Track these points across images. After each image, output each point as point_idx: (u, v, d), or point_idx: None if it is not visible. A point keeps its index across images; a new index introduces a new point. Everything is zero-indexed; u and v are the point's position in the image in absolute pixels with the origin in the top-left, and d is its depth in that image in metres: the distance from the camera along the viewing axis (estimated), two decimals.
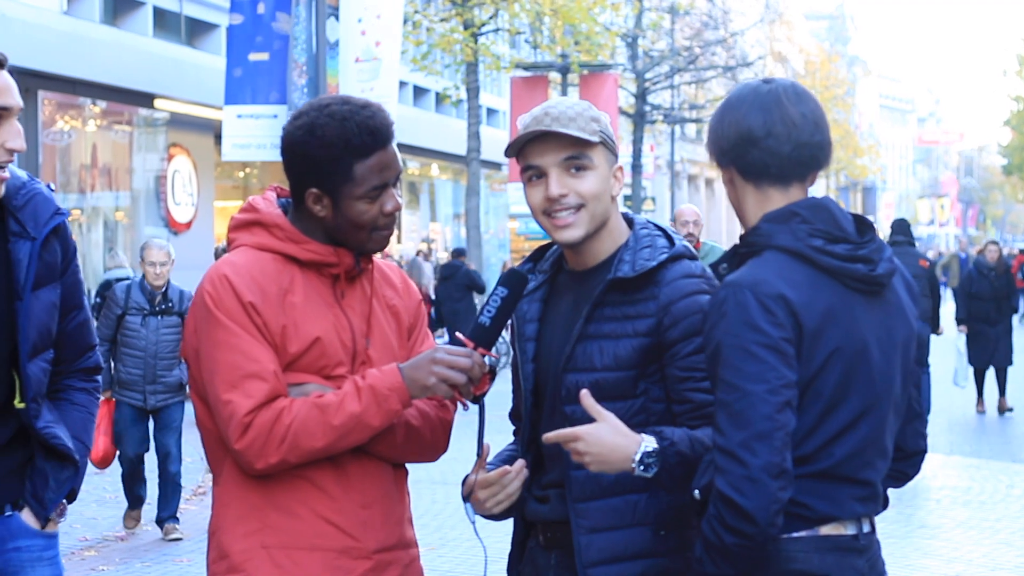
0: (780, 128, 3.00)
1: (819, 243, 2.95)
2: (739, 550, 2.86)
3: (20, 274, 3.24)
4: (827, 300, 2.93)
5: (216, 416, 3.14)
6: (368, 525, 3.20)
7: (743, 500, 2.80)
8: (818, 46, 64.95)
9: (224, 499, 3.22)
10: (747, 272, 2.94)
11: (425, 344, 3.38)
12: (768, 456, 2.81)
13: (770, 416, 2.82)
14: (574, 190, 3.22)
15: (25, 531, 3.37)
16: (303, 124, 3.17)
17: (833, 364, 2.92)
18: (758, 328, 2.85)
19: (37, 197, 3.33)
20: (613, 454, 3.04)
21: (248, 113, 17.19)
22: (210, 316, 3.13)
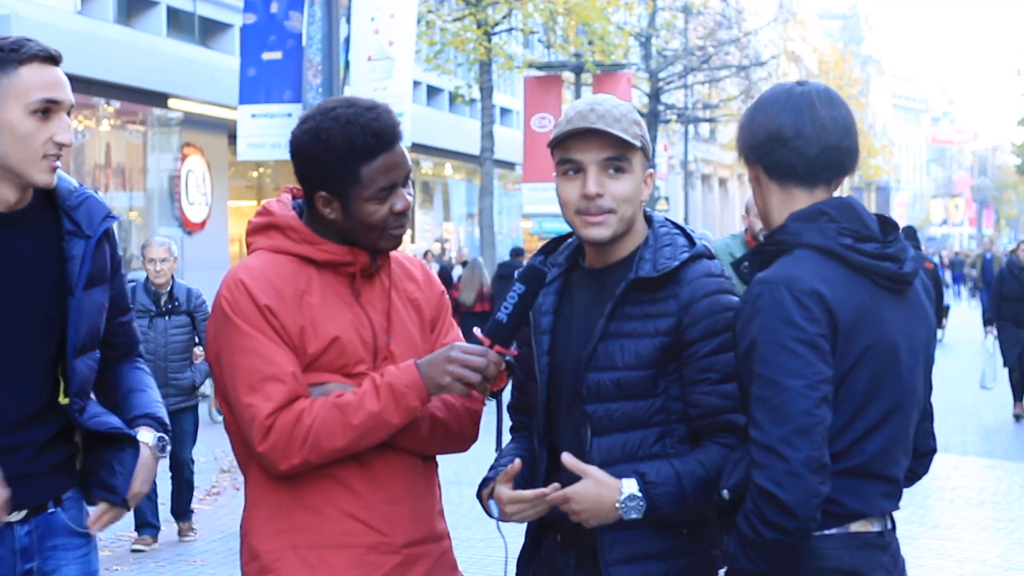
0: (810, 130, 3.03)
1: (849, 241, 2.99)
2: (778, 545, 2.88)
3: (74, 271, 3.29)
4: (859, 298, 2.97)
5: (238, 420, 3.16)
6: (396, 520, 3.22)
7: (784, 495, 2.83)
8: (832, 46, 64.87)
9: (253, 500, 3.26)
10: (781, 269, 2.97)
11: (450, 335, 3.40)
12: (809, 451, 2.84)
13: (809, 411, 2.85)
14: (610, 191, 3.23)
15: (64, 529, 3.40)
16: (309, 128, 3.19)
17: (866, 361, 2.96)
18: (795, 324, 2.88)
19: (90, 199, 3.39)
20: (599, 506, 3.11)
21: (262, 112, 17.20)
22: (228, 321, 3.15)
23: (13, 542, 3.30)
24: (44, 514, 3.36)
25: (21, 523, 3.32)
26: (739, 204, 62.00)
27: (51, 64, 3.22)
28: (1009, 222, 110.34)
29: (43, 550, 3.36)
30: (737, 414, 3.16)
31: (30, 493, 3.31)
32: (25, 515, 3.32)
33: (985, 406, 17.34)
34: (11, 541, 3.30)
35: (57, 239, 3.31)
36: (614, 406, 3.21)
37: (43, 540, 3.36)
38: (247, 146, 17.40)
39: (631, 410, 3.20)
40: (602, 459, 3.20)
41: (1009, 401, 17.09)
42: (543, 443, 3.37)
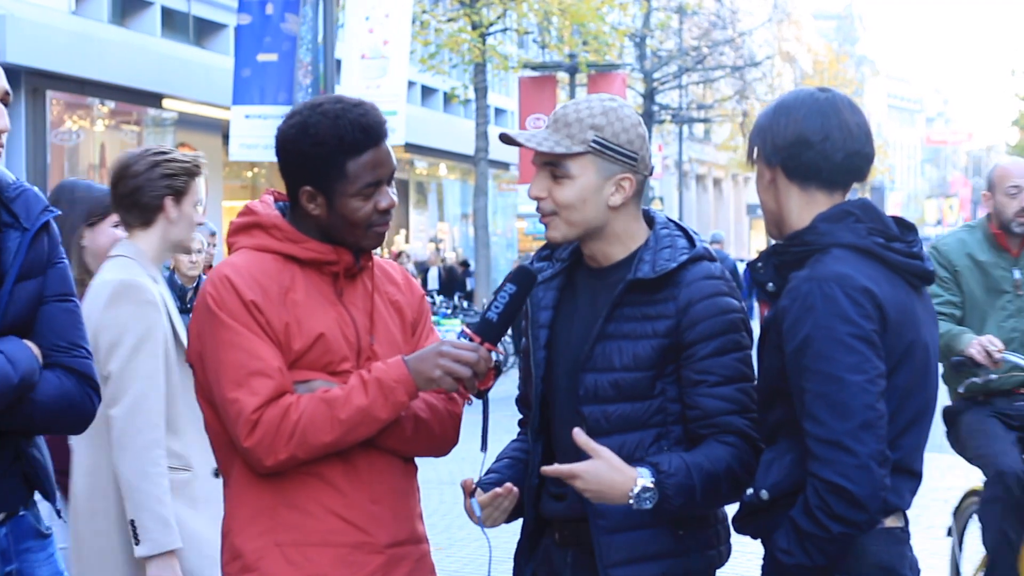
0: (837, 134, 3.09)
1: (881, 240, 3.05)
2: (844, 538, 2.93)
3: (8, 261, 3.23)
4: (900, 295, 3.03)
5: (223, 416, 3.14)
6: (379, 520, 3.21)
7: (855, 488, 2.87)
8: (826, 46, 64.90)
9: (236, 500, 3.23)
10: (825, 268, 3.00)
11: (430, 339, 3.39)
12: (875, 444, 2.89)
13: (872, 406, 2.91)
14: (551, 196, 3.25)
15: (32, 531, 3.38)
16: (296, 123, 3.19)
17: (908, 358, 3.02)
18: (850, 320, 2.93)
19: (28, 192, 3.32)
20: (611, 491, 3.10)
21: (256, 113, 17.22)
22: (213, 317, 3.14)
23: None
24: (16, 517, 3.34)
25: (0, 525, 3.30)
26: (733, 204, 62.10)
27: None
28: None
29: (18, 552, 3.34)
30: (736, 416, 3.17)
31: (7, 495, 3.29)
32: (3, 517, 3.30)
33: None
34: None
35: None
36: (611, 408, 3.20)
37: (17, 543, 3.34)
38: (240, 146, 17.41)
39: (628, 412, 3.20)
40: None
41: None
42: (537, 438, 3.37)
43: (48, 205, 3.34)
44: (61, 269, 3.34)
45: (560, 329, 3.35)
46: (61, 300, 3.32)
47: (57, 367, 3.28)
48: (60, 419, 3.30)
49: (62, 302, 3.32)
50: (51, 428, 3.35)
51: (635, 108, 35.35)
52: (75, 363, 3.31)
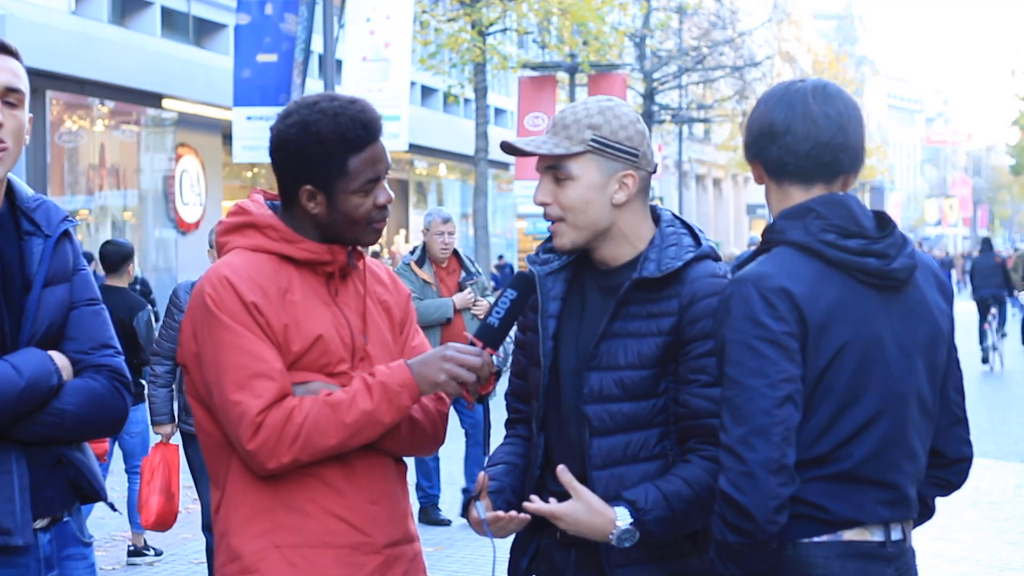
0: (799, 126, 2.97)
1: (832, 238, 2.93)
2: (742, 548, 2.83)
3: (32, 267, 3.30)
4: (835, 294, 2.90)
5: (224, 418, 3.13)
6: (377, 520, 3.22)
7: (741, 497, 2.78)
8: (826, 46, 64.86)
9: (232, 501, 3.21)
10: (753, 267, 2.93)
11: (416, 339, 3.41)
12: (766, 452, 2.78)
13: (768, 411, 2.79)
14: (557, 200, 3.26)
15: (73, 538, 3.42)
16: (295, 122, 3.19)
17: (843, 359, 2.88)
18: (759, 322, 2.83)
19: (47, 203, 3.42)
20: (591, 533, 3.11)
21: (258, 115, 17.21)
22: (212, 318, 3.13)
23: (38, 551, 3.30)
24: (60, 523, 3.38)
25: (43, 531, 3.32)
26: (733, 205, 62.08)
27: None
28: (1003, 222, 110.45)
29: (61, 559, 3.37)
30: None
31: (53, 501, 3.33)
32: (47, 523, 3.33)
33: (979, 406, 17.36)
34: (36, 550, 3.30)
35: (19, 240, 3.33)
36: (614, 407, 3.20)
37: (60, 549, 3.37)
38: (243, 148, 17.41)
39: (633, 411, 3.19)
40: (603, 461, 3.20)
41: (1005, 401, 17.14)
42: (541, 429, 3.37)
43: (67, 215, 3.41)
44: (85, 275, 3.44)
45: (567, 325, 3.34)
46: (88, 304, 3.42)
47: (88, 369, 3.36)
48: (92, 422, 3.35)
49: (89, 306, 3.42)
50: (85, 433, 3.39)
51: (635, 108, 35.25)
52: (105, 361, 3.39)
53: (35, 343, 3.29)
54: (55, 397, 3.27)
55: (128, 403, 3.41)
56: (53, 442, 3.31)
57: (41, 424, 3.24)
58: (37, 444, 3.28)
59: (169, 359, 7.62)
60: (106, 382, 3.35)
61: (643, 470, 3.18)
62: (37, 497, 3.27)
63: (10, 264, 3.29)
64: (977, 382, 20.39)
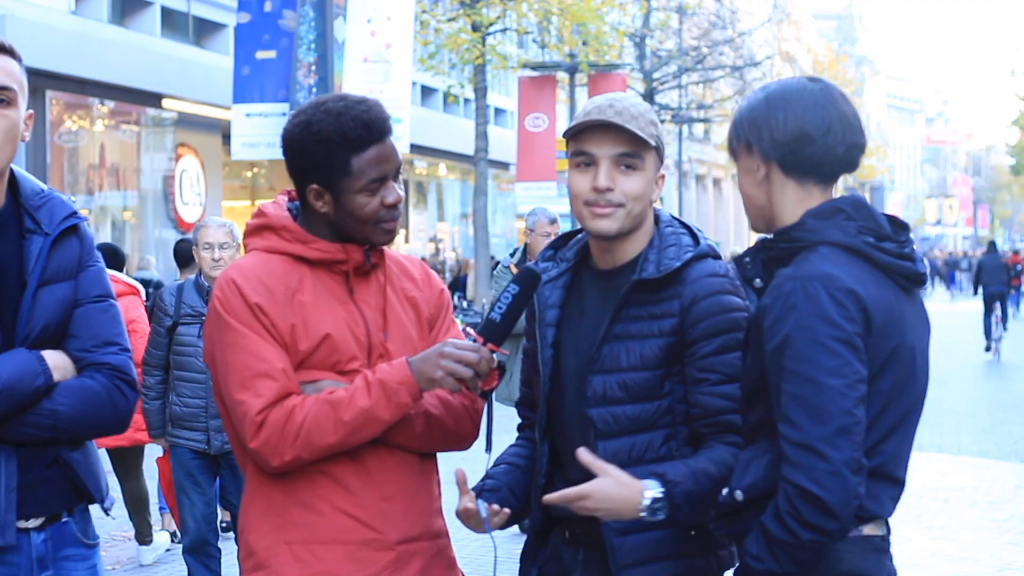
0: (838, 127, 3.00)
1: (872, 240, 2.96)
2: (814, 546, 2.85)
3: (28, 266, 3.29)
4: (887, 297, 2.94)
5: (232, 417, 3.19)
6: (389, 517, 3.23)
7: (827, 495, 2.79)
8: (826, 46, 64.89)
9: (249, 497, 3.28)
10: (812, 266, 2.91)
11: (450, 334, 3.40)
12: (850, 451, 2.80)
13: (849, 411, 2.81)
14: (620, 187, 3.24)
15: (73, 539, 3.41)
16: (300, 122, 3.22)
17: (892, 363, 2.93)
18: (832, 322, 2.83)
19: (54, 200, 3.40)
20: (621, 507, 3.08)
21: (257, 112, 17.22)
22: (220, 320, 3.18)
23: (30, 549, 3.30)
24: (58, 523, 3.36)
25: (38, 531, 3.31)
26: (733, 204, 62.05)
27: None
28: (1003, 222, 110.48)
29: (56, 559, 3.36)
30: (738, 415, 3.14)
31: (48, 500, 3.32)
32: (42, 523, 3.32)
33: (979, 406, 17.37)
34: (28, 548, 3.29)
35: (20, 238, 3.32)
36: (618, 409, 3.20)
37: (56, 549, 3.36)
38: (242, 145, 17.41)
39: (638, 413, 3.19)
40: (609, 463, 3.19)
41: (1004, 401, 17.14)
42: (544, 438, 3.37)
43: (74, 212, 3.39)
44: (95, 272, 3.42)
45: (567, 329, 3.35)
46: (96, 301, 3.39)
47: (88, 367, 3.33)
48: (88, 421, 3.32)
49: (97, 303, 3.39)
50: (82, 433, 3.36)
51: None
52: (106, 359, 3.35)
53: (29, 343, 3.27)
54: (46, 398, 3.24)
55: (131, 401, 3.38)
56: (50, 442, 3.30)
57: (31, 425, 3.23)
58: (32, 444, 3.26)
59: (160, 369, 7.30)
60: (105, 380, 3.32)
61: (648, 472, 3.17)
62: (31, 496, 3.26)
63: (7, 264, 3.29)
64: (977, 382, 20.39)
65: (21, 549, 3.28)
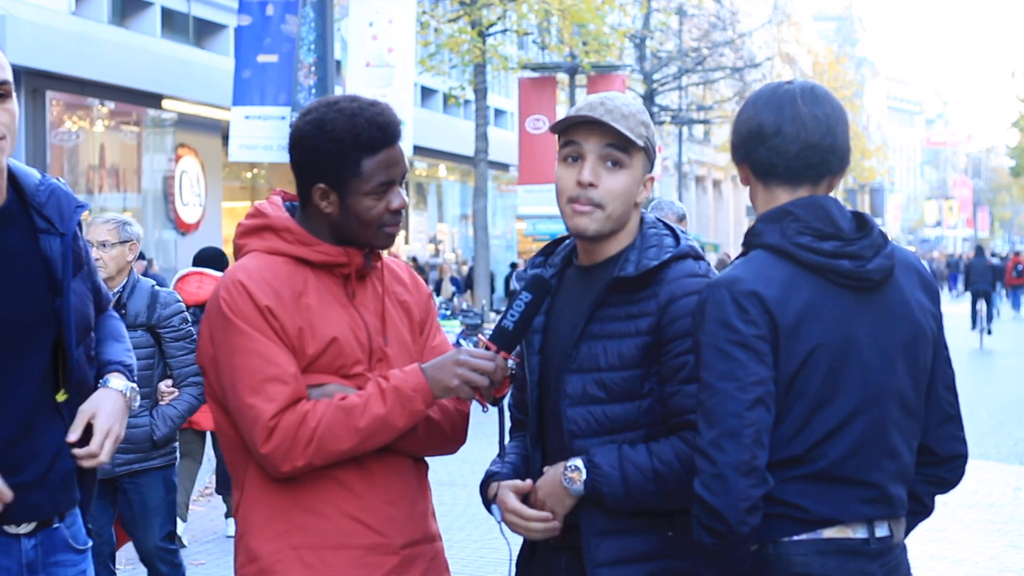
0: (789, 127, 2.98)
1: (806, 240, 2.95)
2: (716, 549, 2.86)
3: (57, 271, 3.28)
4: (807, 297, 2.92)
5: (239, 421, 3.15)
6: (394, 521, 3.23)
7: (712, 498, 2.81)
8: (826, 47, 64.91)
9: (250, 503, 3.24)
10: (728, 271, 2.96)
11: (438, 338, 3.41)
12: (736, 453, 2.81)
13: (738, 413, 2.82)
14: (603, 184, 3.23)
15: (64, 545, 3.38)
16: (313, 120, 3.20)
17: (815, 361, 2.91)
18: (730, 326, 2.86)
19: (56, 191, 3.36)
20: (552, 486, 3.19)
21: (256, 114, 17.18)
22: (227, 322, 3.14)
23: (20, 555, 3.27)
24: (49, 529, 3.33)
25: (28, 536, 3.29)
26: (733, 206, 62.08)
27: None
28: (1003, 224, 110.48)
29: (46, 565, 3.33)
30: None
31: (40, 506, 3.29)
32: (33, 528, 3.30)
33: (979, 408, 17.36)
34: (18, 554, 3.27)
35: (35, 236, 3.29)
36: (598, 409, 3.20)
37: (47, 555, 3.33)
38: (240, 147, 17.37)
39: (617, 413, 3.19)
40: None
41: (1003, 402, 17.15)
42: (536, 444, 3.37)
43: (78, 202, 3.40)
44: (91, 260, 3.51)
45: (551, 333, 3.35)
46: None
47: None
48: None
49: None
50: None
51: None
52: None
53: (76, 343, 3.30)
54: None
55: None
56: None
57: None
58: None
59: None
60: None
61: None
62: (23, 502, 3.22)
63: (28, 261, 3.26)
64: (977, 384, 20.38)
65: (11, 555, 3.26)
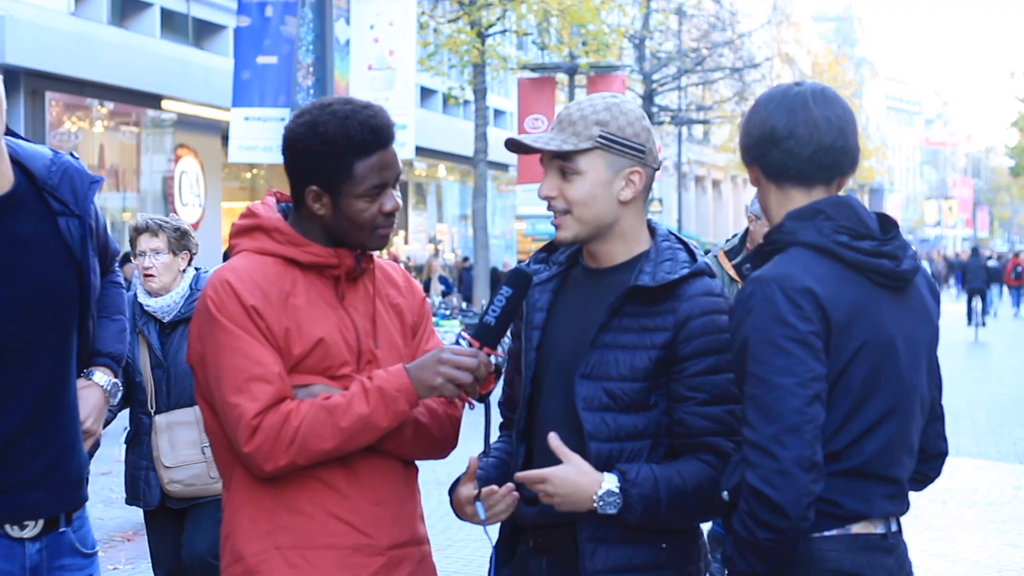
0: (802, 130, 3.02)
1: (844, 239, 2.98)
2: (771, 545, 2.87)
3: (77, 253, 3.30)
4: (854, 295, 2.96)
5: (223, 420, 3.15)
6: (380, 522, 3.22)
7: (775, 494, 2.82)
8: (825, 48, 64.88)
9: (236, 503, 3.24)
10: (773, 268, 2.97)
11: (431, 342, 3.40)
12: (799, 449, 2.83)
13: (800, 409, 2.84)
14: (562, 194, 3.24)
15: (70, 549, 3.35)
16: (305, 122, 3.20)
17: (861, 359, 2.95)
18: (786, 322, 2.87)
19: (68, 170, 3.34)
20: (577, 494, 3.10)
21: (255, 116, 17.20)
22: (213, 321, 3.14)
23: (24, 559, 3.25)
24: (55, 532, 3.31)
25: (33, 540, 3.26)
26: (733, 206, 62.06)
27: None
28: (1002, 224, 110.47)
29: (51, 569, 3.31)
30: (721, 438, 3.15)
31: (43, 504, 3.27)
32: (39, 532, 3.27)
33: (978, 407, 17.37)
34: (22, 558, 3.24)
35: (51, 216, 3.28)
36: (608, 416, 3.18)
37: (52, 559, 3.31)
38: (239, 148, 17.39)
39: (625, 422, 3.18)
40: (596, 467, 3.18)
41: (1002, 402, 17.15)
42: (521, 440, 3.36)
43: (92, 177, 3.39)
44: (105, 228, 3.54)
45: (552, 331, 3.34)
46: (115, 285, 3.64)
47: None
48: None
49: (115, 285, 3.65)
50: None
51: None
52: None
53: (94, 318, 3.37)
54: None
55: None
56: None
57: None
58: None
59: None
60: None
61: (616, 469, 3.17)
62: (23, 500, 3.22)
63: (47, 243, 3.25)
64: (976, 384, 20.39)
65: (14, 558, 3.23)
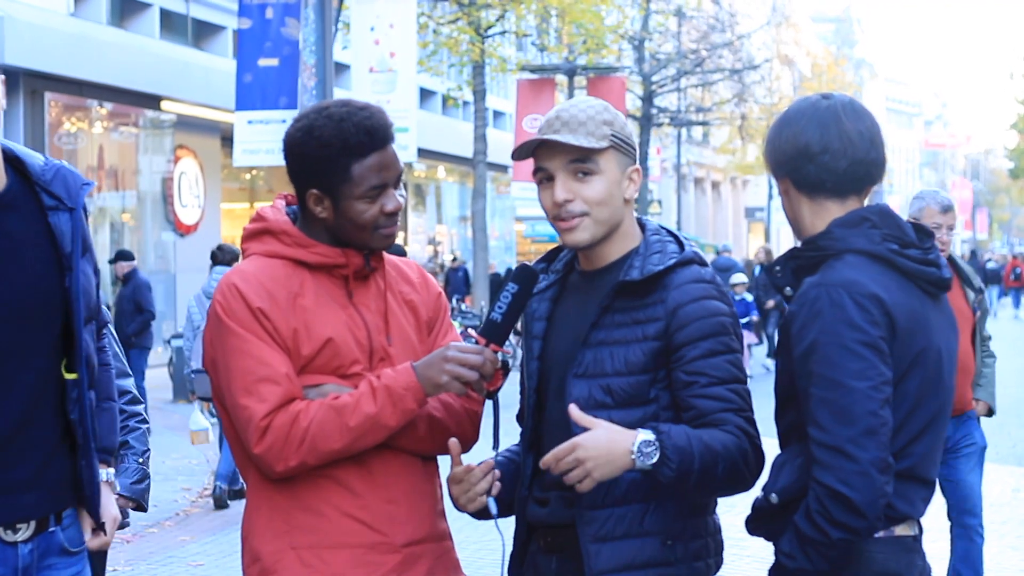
0: (837, 145, 3.08)
1: (895, 247, 3.05)
2: (843, 544, 2.93)
3: (66, 245, 3.26)
4: (911, 302, 3.02)
5: (235, 422, 3.18)
6: (395, 520, 3.24)
7: (854, 494, 2.88)
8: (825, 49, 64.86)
9: (254, 503, 3.27)
10: (836, 273, 3.01)
11: (448, 337, 3.41)
12: (876, 451, 2.89)
13: (875, 412, 2.90)
14: (579, 195, 3.24)
15: (59, 548, 3.34)
16: (302, 126, 3.23)
17: (918, 365, 3.01)
18: (857, 326, 2.92)
19: (62, 170, 3.34)
20: (612, 452, 3.03)
21: (258, 119, 17.20)
22: (222, 324, 3.18)
23: (16, 560, 3.24)
24: (46, 532, 3.30)
25: (25, 542, 3.25)
26: (731, 207, 62.09)
27: None
28: (1002, 226, 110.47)
29: (40, 569, 3.30)
30: (731, 414, 3.15)
31: (36, 505, 3.25)
32: (31, 534, 3.26)
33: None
34: (13, 559, 3.24)
35: (42, 216, 3.26)
36: (604, 414, 3.18)
37: (41, 559, 3.30)
38: (243, 152, 17.39)
39: (624, 419, 3.17)
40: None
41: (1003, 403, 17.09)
42: (529, 449, 3.37)
43: (85, 180, 3.38)
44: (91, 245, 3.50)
45: (552, 339, 3.35)
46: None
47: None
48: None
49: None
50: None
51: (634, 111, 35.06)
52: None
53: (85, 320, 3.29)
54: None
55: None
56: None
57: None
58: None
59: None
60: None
61: (631, 478, 3.17)
62: (16, 502, 3.21)
63: (35, 241, 3.23)
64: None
65: (7, 562, 3.22)
